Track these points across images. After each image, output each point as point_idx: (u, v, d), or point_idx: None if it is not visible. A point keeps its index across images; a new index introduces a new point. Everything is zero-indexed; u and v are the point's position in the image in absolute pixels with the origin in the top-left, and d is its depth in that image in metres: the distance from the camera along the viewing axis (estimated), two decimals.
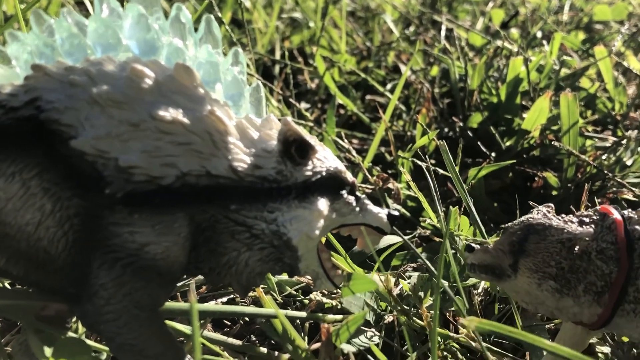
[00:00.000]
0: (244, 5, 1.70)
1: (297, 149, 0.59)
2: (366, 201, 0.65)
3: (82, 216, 0.55)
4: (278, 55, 1.57)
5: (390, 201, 1.02)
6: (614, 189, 1.11)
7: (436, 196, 0.83)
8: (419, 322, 0.74)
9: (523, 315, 0.80)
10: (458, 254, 0.83)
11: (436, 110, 1.34)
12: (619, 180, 1.07)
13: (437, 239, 0.94)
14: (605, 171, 1.10)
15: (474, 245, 0.67)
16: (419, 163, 0.98)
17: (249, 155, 0.58)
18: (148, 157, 0.54)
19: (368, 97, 1.47)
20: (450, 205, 0.75)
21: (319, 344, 0.70)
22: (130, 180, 0.53)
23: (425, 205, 0.86)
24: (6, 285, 0.72)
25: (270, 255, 0.59)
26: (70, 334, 0.62)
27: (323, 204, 0.60)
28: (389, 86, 1.49)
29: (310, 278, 0.71)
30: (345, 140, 1.12)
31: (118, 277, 0.54)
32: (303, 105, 1.42)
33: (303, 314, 0.76)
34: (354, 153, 1.09)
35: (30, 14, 0.60)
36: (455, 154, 0.98)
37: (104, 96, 0.53)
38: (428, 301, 0.76)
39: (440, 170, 1.03)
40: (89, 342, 0.62)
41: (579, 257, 0.63)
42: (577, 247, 0.63)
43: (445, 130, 1.31)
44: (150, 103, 0.54)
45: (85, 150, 0.53)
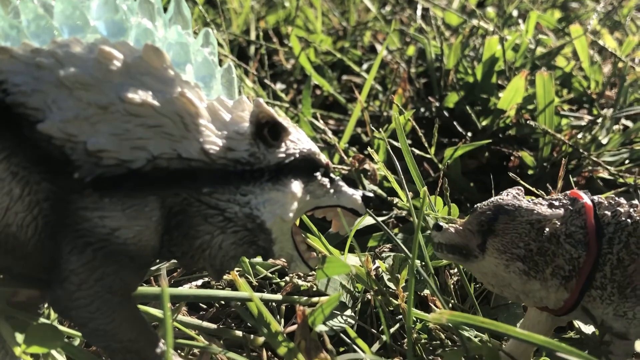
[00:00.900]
0: None
1: (270, 130, 0.59)
2: (340, 183, 0.64)
3: (52, 201, 0.54)
4: (253, 36, 1.55)
5: (366, 182, 1.01)
6: (590, 168, 1.11)
7: (416, 173, 0.82)
8: (395, 302, 0.74)
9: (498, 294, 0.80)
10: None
11: (412, 90, 1.33)
12: (595, 159, 1.07)
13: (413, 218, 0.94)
14: (581, 150, 1.10)
15: (441, 223, 0.67)
16: (395, 144, 0.97)
17: (220, 137, 0.57)
18: (117, 141, 0.53)
19: (344, 78, 1.47)
20: (426, 187, 0.75)
21: (294, 327, 0.70)
22: (99, 164, 0.52)
23: (396, 186, 0.85)
24: None
25: (244, 239, 0.59)
26: (42, 319, 0.62)
27: (297, 186, 0.60)
28: (365, 66, 1.49)
29: (284, 261, 0.71)
30: (321, 121, 1.12)
31: (89, 262, 0.54)
32: (278, 86, 1.41)
33: (278, 296, 0.75)
34: (330, 134, 1.08)
35: None
36: (431, 134, 0.98)
37: (71, 78, 0.52)
38: (404, 282, 0.76)
39: (417, 151, 1.03)
40: (61, 328, 0.62)
41: (547, 240, 0.63)
42: (547, 230, 0.63)
43: (422, 110, 1.31)
44: (119, 85, 0.53)
45: (52, 133, 0.52)
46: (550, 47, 1.46)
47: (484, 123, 1.23)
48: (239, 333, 0.71)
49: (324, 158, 0.63)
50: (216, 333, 0.72)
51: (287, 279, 0.79)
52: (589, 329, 0.75)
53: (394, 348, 0.73)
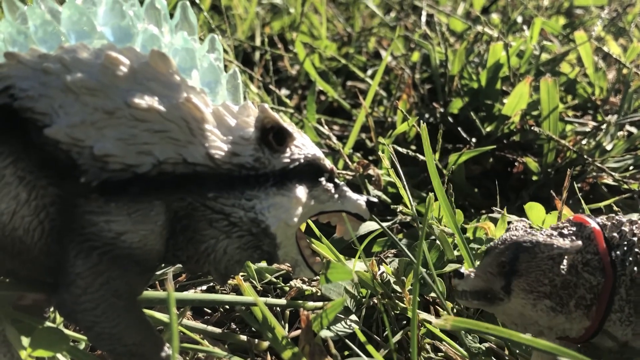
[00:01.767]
0: None
1: (275, 136, 0.59)
2: (345, 188, 0.64)
3: (58, 205, 0.54)
4: (258, 42, 1.56)
5: (370, 187, 1.02)
6: (594, 174, 1.11)
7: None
8: (402, 305, 0.74)
9: None
10: (437, 240, 0.83)
11: (417, 96, 1.34)
12: (599, 165, 1.07)
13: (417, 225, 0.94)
14: (585, 156, 1.10)
15: (462, 271, 0.64)
16: (400, 149, 0.97)
17: (226, 142, 0.57)
18: (123, 145, 0.53)
19: (349, 83, 1.47)
20: (430, 192, 0.75)
21: (299, 331, 0.70)
22: (105, 169, 0.53)
23: (402, 192, 0.86)
24: None
25: (248, 243, 0.59)
26: (48, 323, 0.62)
27: (301, 191, 0.60)
28: (369, 72, 1.49)
29: (289, 265, 0.71)
30: (326, 127, 1.12)
31: (95, 266, 0.54)
32: (283, 92, 1.41)
33: (283, 301, 0.76)
34: (335, 139, 1.08)
35: (2, 1, 0.59)
36: (435, 140, 0.98)
37: (78, 84, 0.53)
38: (410, 285, 0.76)
39: (421, 157, 1.03)
40: (67, 332, 0.62)
41: (568, 272, 0.62)
42: (565, 262, 0.62)
43: (426, 116, 1.31)
44: (126, 90, 0.54)
45: (59, 138, 0.52)
46: (555, 54, 1.46)
47: (488, 129, 1.23)
48: (243, 337, 0.72)
49: (328, 163, 0.63)
50: (221, 337, 0.72)
51: (292, 283, 0.79)
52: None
53: (398, 351, 0.73)
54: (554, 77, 1.11)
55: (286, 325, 0.77)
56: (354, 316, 0.74)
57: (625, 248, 0.63)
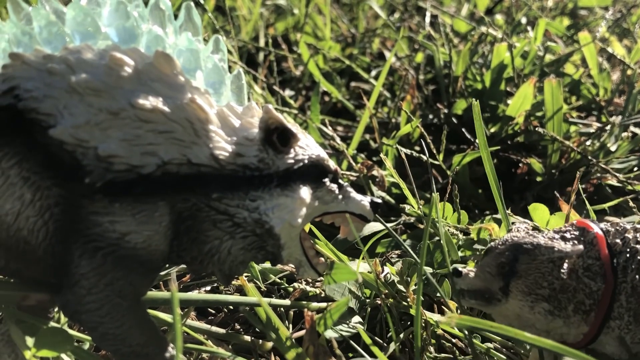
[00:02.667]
0: None
1: (279, 136, 0.59)
2: (349, 189, 0.64)
3: (62, 205, 0.54)
4: (262, 43, 1.56)
5: (374, 188, 1.02)
6: (598, 175, 1.11)
7: (434, 177, 0.82)
8: (405, 304, 0.74)
9: None
10: (441, 240, 0.83)
11: (421, 97, 1.34)
12: (603, 166, 1.07)
13: (421, 226, 0.94)
14: (589, 157, 1.10)
15: (460, 269, 0.65)
16: (404, 150, 0.97)
17: (230, 143, 0.58)
18: (128, 146, 0.53)
19: (353, 84, 1.47)
20: (434, 193, 0.75)
21: (303, 332, 0.70)
22: (110, 169, 0.53)
23: (407, 192, 0.86)
24: None
25: (252, 244, 0.59)
26: (52, 323, 0.62)
27: (305, 192, 0.60)
28: (373, 73, 1.49)
29: (293, 266, 0.71)
30: (330, 128, 1.12)
31: (99, 267, 0.54)
32: (287, 93, 1.42)
33: (287, 302, 0.76)
34: (339, 140, 1.08)
35: (7, 2, 0.60)
36: (439, 141, 0.98)
37: (82, 84, 0.53)
38: (414, 285, 0.76)
39: (425, 157, 1.03)
40: (71, 332, 0.62)
41: (568, 276, 0.62)
42: (565, 266, 0.62)
43: (430, 117, 1.31)
44: (130, 91, 0.54)
45: (64, 139, 0.52)
46: (559, 55, 1.45)
47: (492, 130, 1.23)
48: (247, 338, 0.72)
49: (332, 164, 0.63)
50: (225, 338, 0.72)
51: (296, 284, 0.79)
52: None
53: (402, 352, 0.73)
54: (558, 78, 1.11)
55: (290, 325, 0.77)
56: (357, 317, 0.74)
57: (627, 255, 0.62)
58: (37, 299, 0.63)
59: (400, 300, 0.75)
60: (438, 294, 0.77)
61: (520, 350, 0.73)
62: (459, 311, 0.75)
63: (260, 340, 0.71)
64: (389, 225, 0.81)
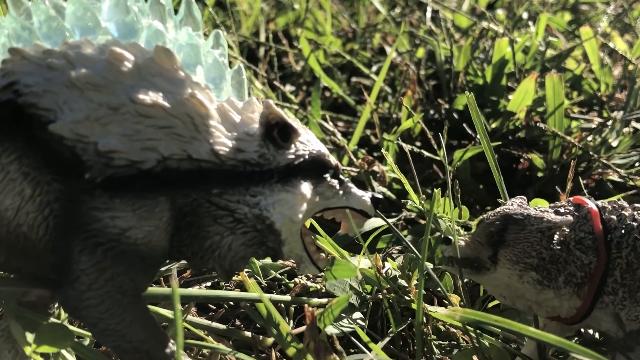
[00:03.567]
0: None
1: (280, 132, 0.59)
2: (350, 184, 0.64)
3: (63, 201, 0.54)
4: (263, 38, 1.56)
5: (375, 184, 1.01)
6: (600, 170, 1.11)
7: (434, 172, 0.82)
8: (407, 298, 0.74)
9: None
10: (442, 235, 0.82)
11: (422, 92, 1.33)
12: (605, 162, 1.07)
13: (422, 222, 0.94)
14: (591, 152, 1.10)
15: (450, 237, 0.66)
16: (404, 145, 0.97)
17: (230, 138, 0.57)
18: (128, 141, 0.53)
19: (353, 80, 1.47)
20: (436, 188, 0.75)
21: (303, 328, 0.70)
22: (110, 165, 0.53)
23: (408, 187, 0.86)
24: None
25: (253, 239, 0.59)
26: (52, 319, 0.62)
27: (306, 188, 0.60)
28: (374, 68, 1.49)
29: (294, 262, 0.71)
30: (331, 123, 1.12)
31: (99, 263, 0.54)
32: (288, 88, 1.41)
33: (287, 297, 0.75)
34: (339, 136, 1.08)
35: None
36: (440, 136, 0.98)
37: (82, 79, 0.52)
38: (416, 280, 0.76)
39: (426, 153, 1.03)
40: (71, 328, 0.62)
41: (559, 247, 0.62)
42: (556, 237, 0.62)
43: (431, 112, 1.30)
44: (130, 86, 0.53)
45: (64, 134, 0.52)
46: (560, 50, 1.45)
47: (493, 125, 1.22)
48: (248, 334, 0.72)
49: (333, 160, 0.63)
50: (225, 333, 0.72)
51: (297, 280, 0.79)
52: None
53: (402, 348, 0.73)
54: (559, 74, 1.11)
55: (291, 321, 0.77)
56: (358, 313, 0.74)
57: (623, 231, 0.63)
58: (38, 294, 0.63)
59: (402, 295, 0.74)
60: (439, 289, 0.77)
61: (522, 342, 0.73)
62: (461, 305, 0.75)
63: (261, 336, 0.71)
64: (390, 220, 0.81)
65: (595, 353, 0.49)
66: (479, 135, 0.79)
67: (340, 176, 0.64)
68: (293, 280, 0.80)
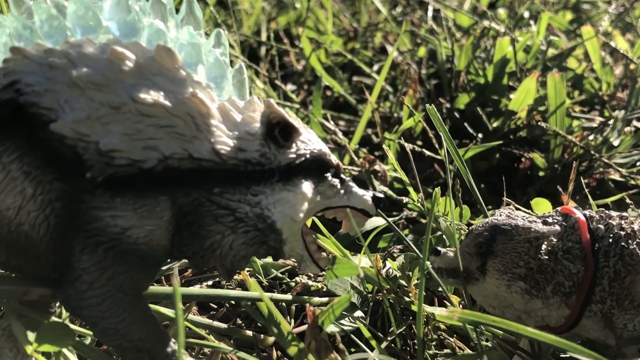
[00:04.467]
0: None
1: (281, 131, 0.59)
2: (351, 183, 0.64)
3: (64, 200, 0.54)
4: (264, 37, 1.55)
5: (376, 183, 1.01)
6: (601, 170, 1.11)
7: (435, 171, 0.82)
8: (407, 299, 0.74)
9: None
10: (443, 235, 0.83)
11: (423, 92, 1.33)
12: (606, 161, 1.07)
13: (423, 221, 0.94)
14: (592, 152, 1.10)
15: (439, 248, 0.66)
16: (406, 144, 0.97)
17: (231, 138, 0.57)
18: (129, 140, 0.53)
19: (355, 79, 1.47)
20: (437, 187, 0.75)
21: (304, 327, 0.70)
22: (111, 164, 0.53)
23: (408, 185, 0.86)
24: None
25: (254, 239, 0.59)
26: (53, 318, 0.62)
27: (307, 187, 0.60)
28: (375, 67, 1.49)
29: (295, 261, 0.71)
30: (332, 122, 1.12)
31: (100, 261, 0.54)
32: (289, 87, 1.41)
33: (288, 296, 0.75)
34: (341, 135, 1.08)
35: None
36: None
37: (83, 79, 0.52)
38: (416, 280, 0.76)
39: (427, 152, 1.03)
40: (72, 327, 0.62)
41: (547, 257, 0.63)
42: (544, 247, 0.63)
43: None
44: (131, 85, 0.54)
45: (65, 133, 0.52)
46: (562, 49, 1.45)
47: (494, 124, 1.22)
48: (249, 333, 0.71)
49: (334, 159, 0.63)
50: (226, 333, 0.72)
51: (298, 279, 0.79)
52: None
53: (403, 348, 0.73)
54: (561, 73, 1.11)
55: (292, 320, 0.77)
56: (359, 312, 0.74)
57: (610, 240, 0.63)
58: (39, 293, 0.63)
59: (402, 295, 0.74)
60: (440, 289, 0.77)
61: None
62: (461, 306, 0.75)
63: (262, 335, 0.71)
64: (391, 220, 0.81)
65: (595, 353, 0.49)
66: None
67: (342, 175, 0.64)
68: (294, 280, 0.80)
